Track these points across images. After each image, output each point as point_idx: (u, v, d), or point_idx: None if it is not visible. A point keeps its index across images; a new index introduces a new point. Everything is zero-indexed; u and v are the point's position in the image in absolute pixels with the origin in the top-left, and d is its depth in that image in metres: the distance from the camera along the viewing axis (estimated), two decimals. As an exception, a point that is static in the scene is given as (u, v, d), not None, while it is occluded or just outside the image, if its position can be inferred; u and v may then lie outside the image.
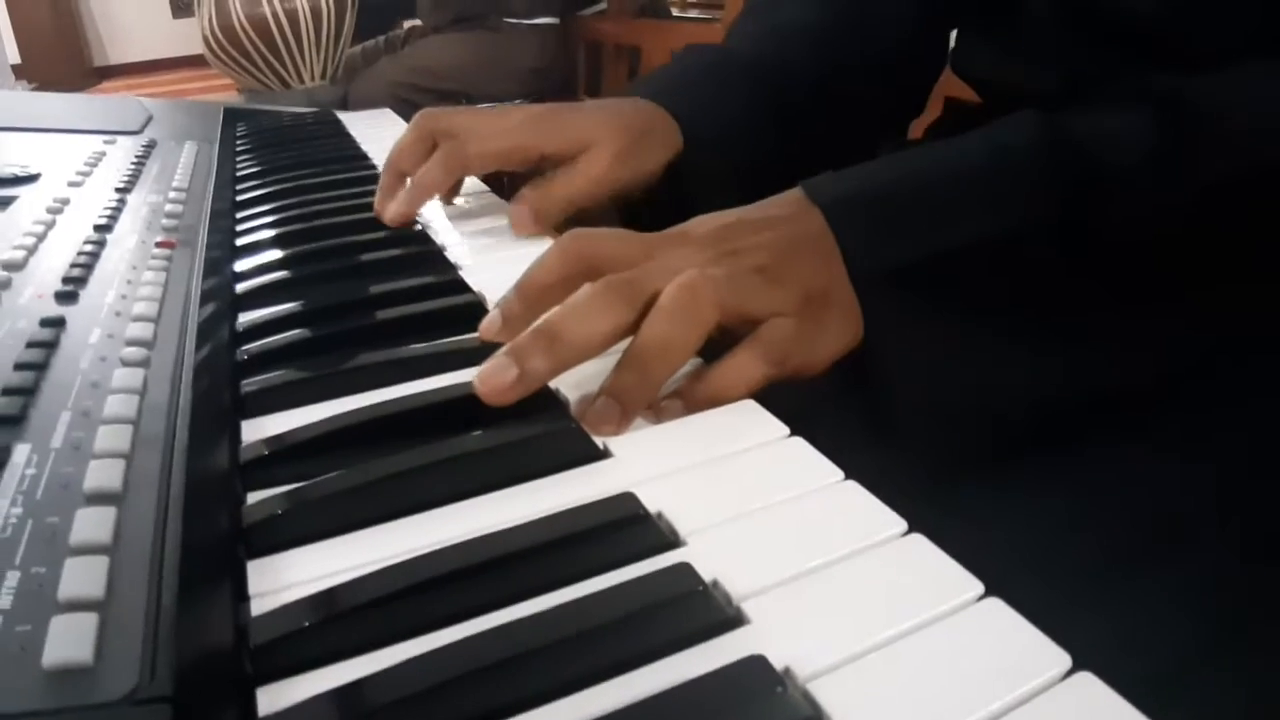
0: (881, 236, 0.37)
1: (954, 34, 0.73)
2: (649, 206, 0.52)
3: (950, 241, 0.37)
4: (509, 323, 0.35)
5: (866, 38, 0.65)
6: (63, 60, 7.31)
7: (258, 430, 0.30)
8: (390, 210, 0.48)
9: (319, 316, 0.37)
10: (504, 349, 0.30)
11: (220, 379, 0.32)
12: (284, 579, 0.23)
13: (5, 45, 6.99)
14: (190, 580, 0.20)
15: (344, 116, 0.91)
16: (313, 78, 1.92)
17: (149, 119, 0.77)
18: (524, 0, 2.13)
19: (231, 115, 0.88)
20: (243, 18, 1.82)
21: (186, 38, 7.99)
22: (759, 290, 0.34)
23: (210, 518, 0.24)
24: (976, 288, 0.39)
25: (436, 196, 0.52)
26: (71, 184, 0.53)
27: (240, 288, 0.42)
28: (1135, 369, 0.44)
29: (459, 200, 0.56)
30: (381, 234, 0.48)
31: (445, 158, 0.49)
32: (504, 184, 0.60)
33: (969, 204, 0.38)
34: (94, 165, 0.57)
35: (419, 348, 0.35)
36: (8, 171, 0.53)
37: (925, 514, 0.44)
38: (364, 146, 0.75)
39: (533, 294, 0.35)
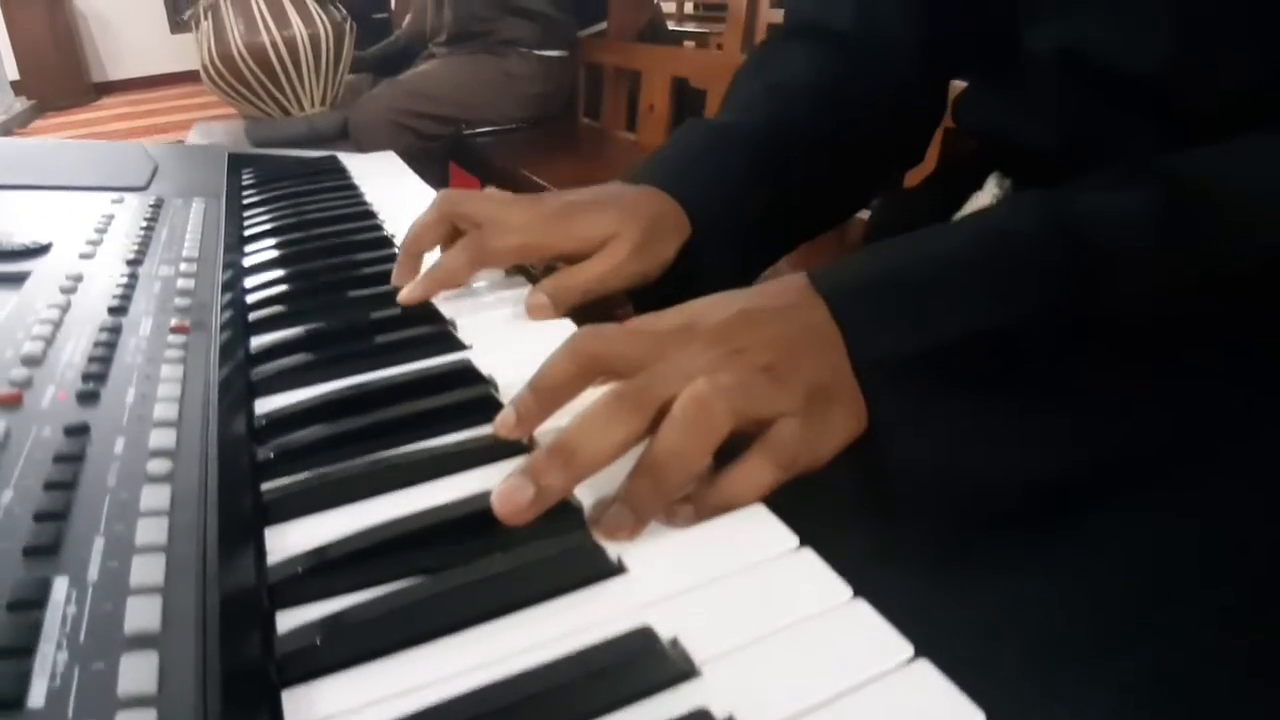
0: (884, 328, 0.38)
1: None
2: (655, 284, 0.53)
3: (952, 332, 0.38)
4: (523, 421, 0.36)
5: (867, 91, 0.66)
6: (62, 77, 7.33)
7: (281, 537, 0.31)
8: (407, 293, 0.49)
9: (336, 410, 0.38)
10: (520, 468, 0.31)
11: (243, 486, 0.33)
12: (318, 710, 0.24)
13: (4, 62, 7.01)
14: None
15: (347, 160, 0.92)
16: (312, 104, 1.93)
17: (154, 170, 0.78)
18: (534, 32, 2.15)
19: (236, 162, 0.89)
20: (241, 47, 1.83)
21: (185, 54, 7.96)
22: (766, 393, 0.34)
23: (246, 649, 0.25)
24: (975, 368, 0.40)
25: None
26: (83, 255, 0.53)
27: (256, 373, 0.43)
28: (1134, 439, 0.44)
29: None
30: (394, 311, 0.49)
31: (468, 251, 0.50)
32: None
33: (972, 295, 0.38)
34: (103, 231, 0.58)
35: (435, 446, 0.35)
36: (19, 243, 0.54)
37: (927, 592, 0.45)
38: (369, 197, 0.75)
39: (545, 394, 0.36)
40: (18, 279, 0.50)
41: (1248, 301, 0.39)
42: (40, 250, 0.54)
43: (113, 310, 0.45)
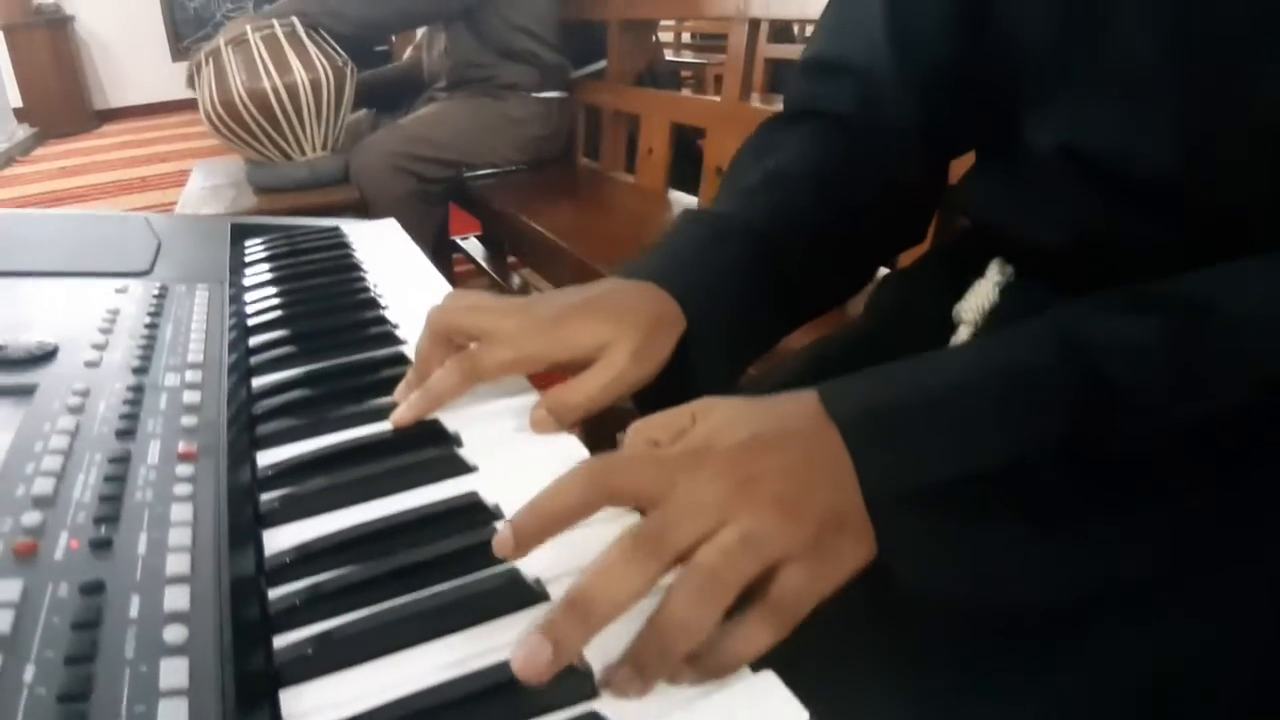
0: (896, 461, 0.38)
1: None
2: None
3: (965, 466, 0.38)
4: (521, 545, 0.36)
5: (867, 176, 0.66)
6: (64, 104, 7.37)
7: (296, 700, 0.31)
8: (399, 416, 0.49)
9: (344, 553, 0.38)
10: (537, 626, 0.31)
11: (257, 651, 0.33)
12: None
13: (6, 89, 7.06)
14: None
15: (349, 230, 0.93)
16: (314, 149, 1.94)
17: (157, 249, 0.78)
18: (532, 75, 2.17)
19: (239, 233, 0.90)
20: (243, 92, 1.84)
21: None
22: (777, 536, 0.35)
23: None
24: (982, 496, 0.40)
25: None
26: (89, 364, 0.54)
27: (264, 503, 0.43)
28: (1138, 562, 0.44)
29: None
30: (403, 432, 0.49)
31: (460, 370, 0.50)
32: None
33: (985, 430, 0.39)
34: (108, 331, 0.58)
35: (447, 595, 0.36)
36: (25, 349, 0.54)
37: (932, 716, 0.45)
38: (372, 278, 0.76)
39: (547, 519, 0.36)
40: (26, 391, 0.50)
41: (1259, 434, 0.40)
42: (47, 357, 0.54)
43: (120, 434, 0.45)
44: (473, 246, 2.84)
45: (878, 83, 0.66)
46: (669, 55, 3.97)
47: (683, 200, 1.87)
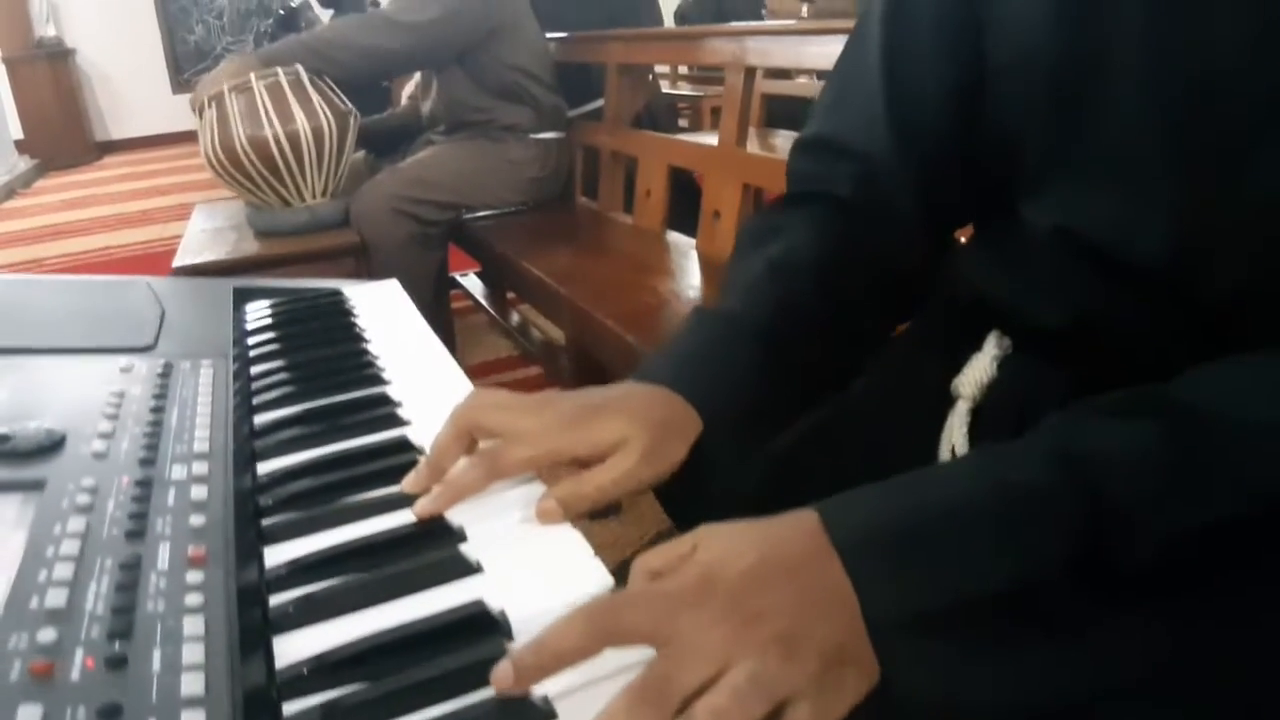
0: (899, 588, 0.39)
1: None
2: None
3: (968, 590, 0.39)
4: (521, 681, 0.36)
5: (869, 257, 0.67)
6: (65, 136, 7.42)
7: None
8: (422, 508, 0.50)
9: (354, 666, 0.39)
10: None
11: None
12: None
13: (8, 121, 7.10)
14: None
15: (350, 292, 0.93)
16: (313, 196, 1.96)
17: (161, 319, 0.79)
18: (530, 117, 2.19)
19: (241, 296, 0.91)
20: (244, 139, 1.85)
21: (187, 113, 8.04)
22: (781, 676, 0.36)
23: None
24: (984, 614, 0.41)
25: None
26: (96, 455, 0.54)
27: (274, 608, 0.43)
28: (1145, 664, 0.45)
29: None
30: (407, 524, 0.50)
31: (483, 466, 0.51)
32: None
33: (986, 554, 0.40)
34: (114, 418, 0.59)
35: (457, 713, 0.36)
36: (32, 438, 0.55)
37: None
38: (374, 347, 0.77)
39: (549, 658, 0.37)
40: (36, 486, 0.51)
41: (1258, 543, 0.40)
42: (54, 447, 0.55)
43: (130, 535, 0.46)
44: (472, 283, 2.86)
45: (876, 163, 0.67)
46: (666, 88, 4.01)
47: (681, 242, 1.88)
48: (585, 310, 1.49)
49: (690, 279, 1.68)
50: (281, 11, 6.38)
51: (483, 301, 2.68)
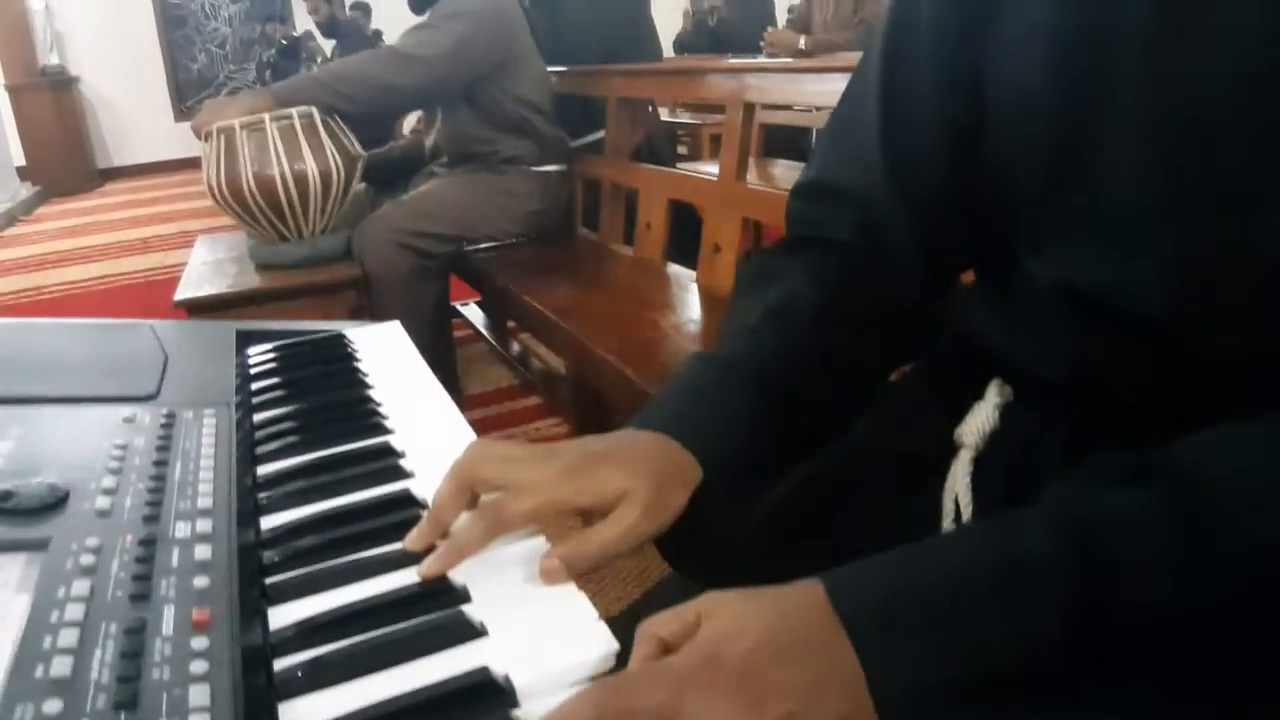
0: (909, 667, 0.40)
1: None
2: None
3: (975, 664, 0.39)
4: None
5: (869, 302, 0.68)
6: (68, 163, 7.46)
7: None
8: (427, 569, 0.50)
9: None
10: None
11: None
12: None
13: (10, 148, 7.15)
14: None
15: (354, 335, 0.94)
16: (313, 233, 1.96)
17: (164, 366, 0.79)
18: (533, 149, 2.20)
19: (244, 338, 0.91)
20: (251, 178, 1.86)
21: (188, 141, 8.12)
22: None
23: None
24: (986, 685, 0.41)
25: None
26: (100, 513, 0.54)
27: (279, 674, 0.43)
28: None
29: None
30: (410, 584, 0.50)
31: (486, 520, 0.51)
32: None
33: (994, 629, 0.40)
34: (118, 472, 0.59)
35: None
36: (36, 497, 0.55)
37: None
38: (377, 393, 0.77)
39: None
40: (39, 545, 0.51)
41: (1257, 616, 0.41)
42: (57, 504, 0.55)
43: (135, 599, 0.46)
44: (472, 313, 2.87)
45: (875, 209, 0.67)
46: (665, 115, 4.04)
47: (681, 275, 1.89)
48: (585, 344, 1.49)
49: (690, 312, 1.69)
50: (284, 41, 6.48)
51: (483, 331, 2.69)
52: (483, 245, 2.23)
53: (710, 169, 2.55)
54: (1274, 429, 0.43)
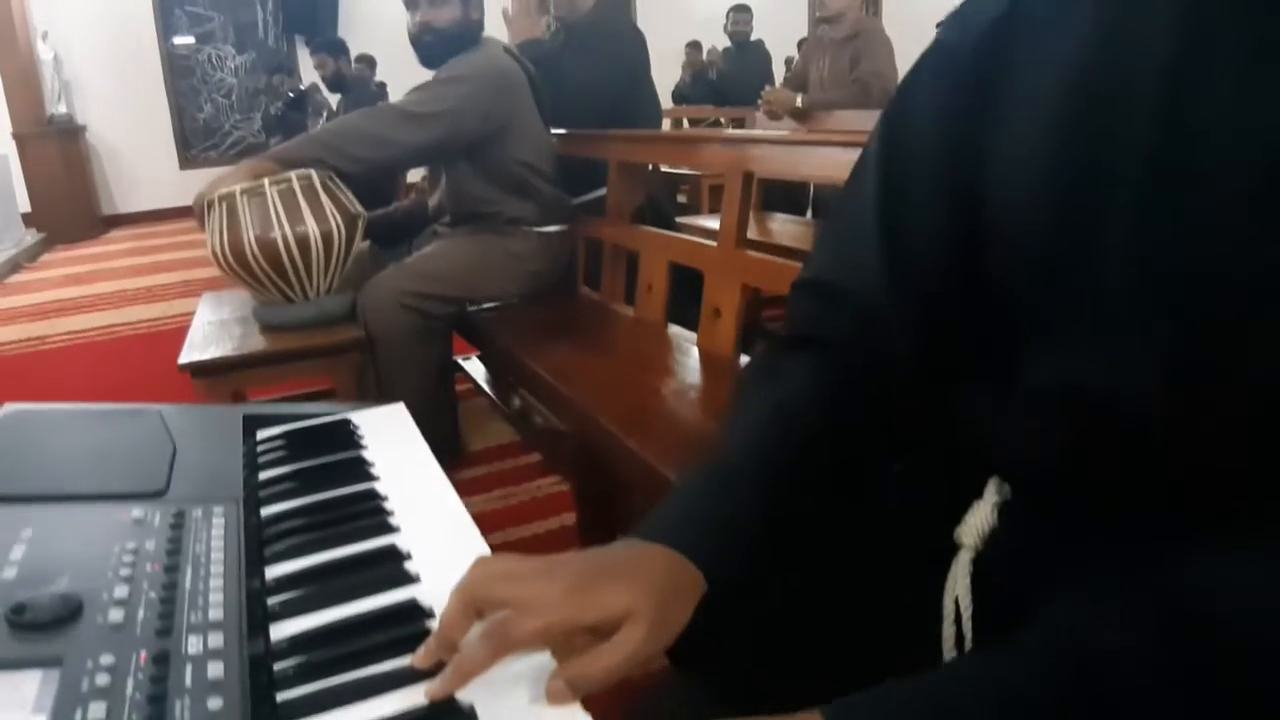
0: None
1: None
2: None
3: None
4: None
5: (869, 400, 0.69)
6: (72, 210, 7.52)
7: None
8: (434, 690, 0.51)
9: None
10: None
11: None
12: None
13: (16, 194, 7.21)
14: None
15: (360, 420, 0.95)
16: (317, 294, 1.98)
17: (172, 457, 0.80)
18: (535, 210, 2.23)
19: (251, 424, 0.92)
20: (253, 241, 1.88)
21: (193, 188, 8.20)
22: None
23: None
24: None
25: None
26: (114, 627, 0.55)
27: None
28: None
29: None
30: (421, 709, 0.50)
31: (492, 642, 0.52)
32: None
33: None
34: (130, 579, 0.60)
35: None
36: (50, 610, 0.56)
37: None
38: (383, 486, 0.78)
39: None
40: (54, 662, 0.51)
41: None
42: (71, 617, 0.55)
43: (147, 723, 0.47)
44: (474, 367, 2.88)
45: (874, 311, 0.69)
46: (665, 166, 4.09)
47: (682, 337, 1.90)
48: (589, 413, 1.50)
49: (691, 376, 1.70)
50: (290, 94, 6.58)
51: (485, 386, 2.70)
52: (485, 305, 2.25)
53: (710, 224, 2.58)
54: (1276, 557, 0.44)
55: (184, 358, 1.86)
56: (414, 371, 2.06)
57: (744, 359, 1.73)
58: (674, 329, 1.98)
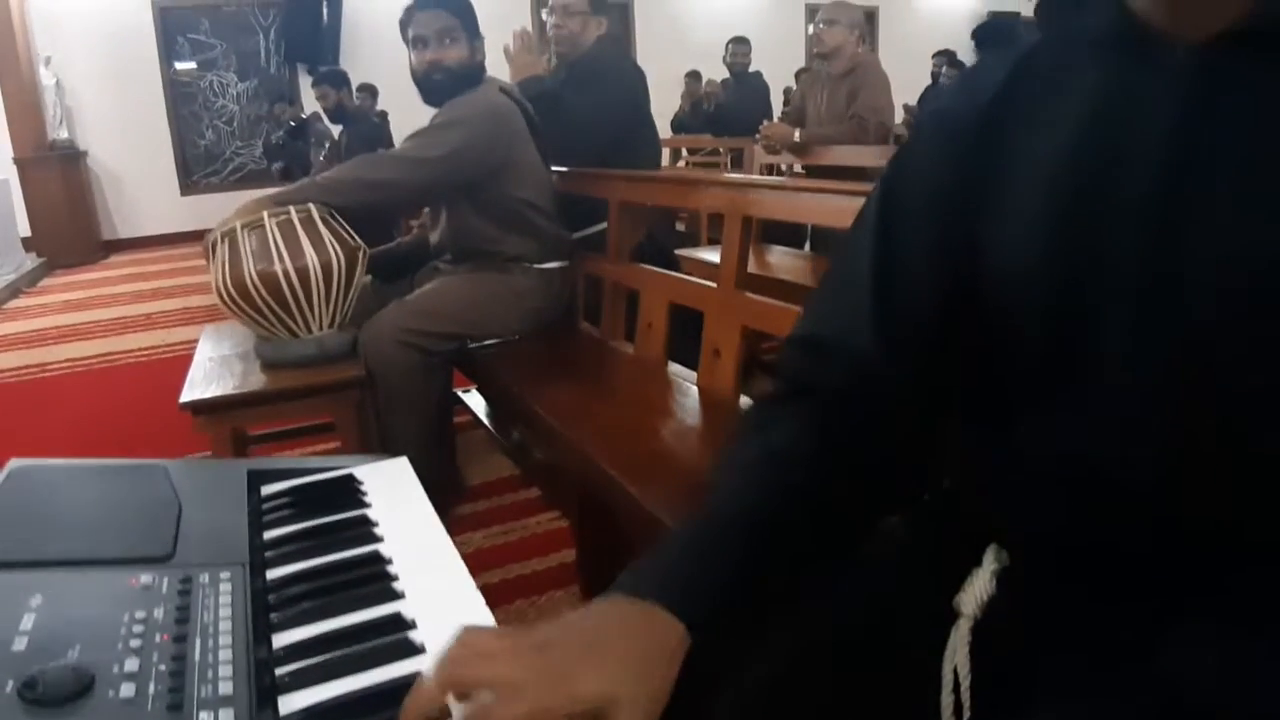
0: None
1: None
2: None
3: None
4: None
5: (861, 449, 0.70)
6: (73, 234, 7.54)
7: None
8: None
9: None
10: None
11: None
12: None
13: (17, 219, 7.23)
14: None
15: (363, 475, 0.96)
16: (320, 328, 2.00)
17: (178, 517, 0.81)
18: (536, 247, 2.25)
19: (255, 479, 0.93)
20: (254, 275, 1.90)
21: (193, 214, 8.32)
22: None
23: None
24: None
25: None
26: (125, 701, 0.55)
27: None
28: None
29: None
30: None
31: None
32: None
33: None
34: (140, 651, 0.60)
35: None
36: (62, 685, 0.56)
37: None
38: (387, 547, 0.79)
39: None
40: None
41: None
42: (83, 692, 0.56)
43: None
44: (474, 399, 2.88)
45: (867, 367, 0.70)
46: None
47: (682, 378, 1.91)
48: (589, 456, 1.51)
49: (691, 419, 1.71)
50: (292, 123, 6.62)
51: (484, 419, 2.71)
52: (486, 342, 2.26)
53: (710, 256, 2.60)
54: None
55: (185, 396, 1.87)
56: (414, 409, 2.07)
57: (744, 400, 1.74)
58: (674, 368, 1.99)
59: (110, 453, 2.89)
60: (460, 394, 2.84)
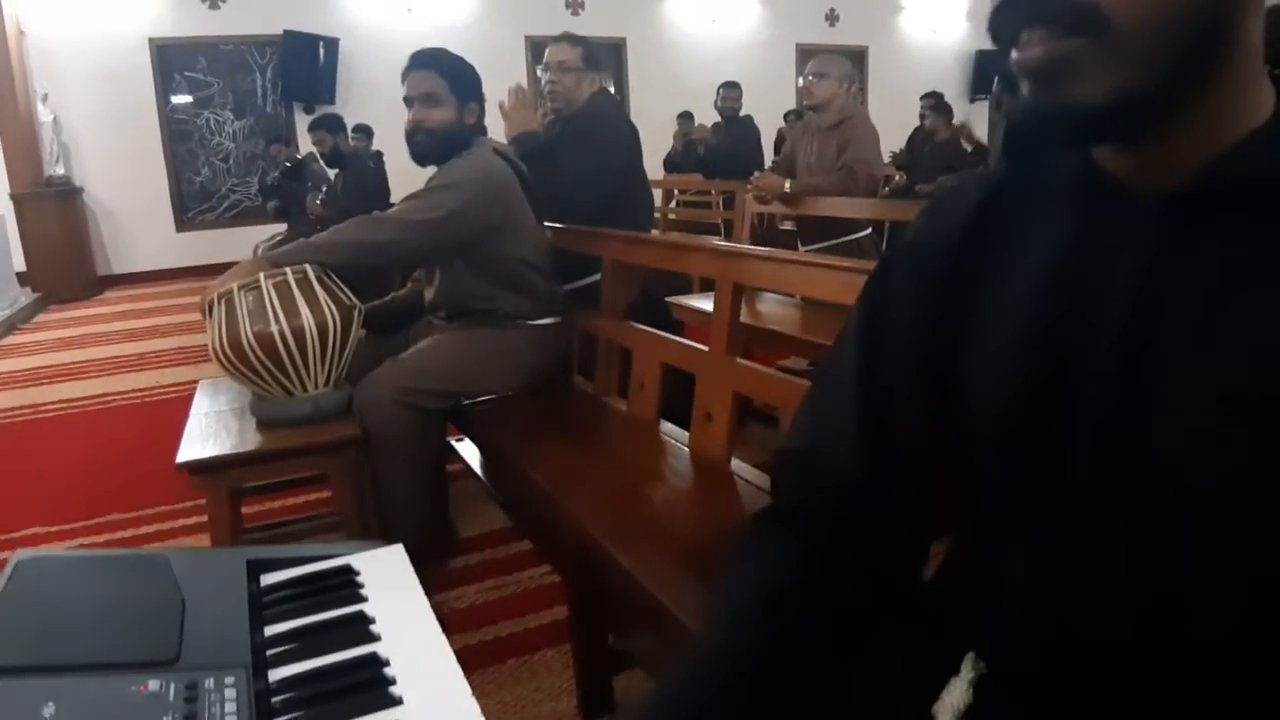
0: None
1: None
2: None
3: None
4: None
5: (850, 572, 0.73)
6: (69, 270, 7.56)
7: None
8: None
9: None
10: None
11: None
12: None
13: (12, 255, 7.26)
14: None
15: (360, 564, 0.98)
16: (315, 387, 2.02)
17: (183, 612, 0.83)
18: (530, 305, 2.28)
19: (255, 568, 0.95)
20: (251, 336, 1.92)
21: (188, 250, 8.39)
22: None
23: None
24: None
25: None
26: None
27: None
28: None
29: None
30: None
31: None
32: None
33: None
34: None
35: None
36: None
37: None
38: (385, 647, 0.81)
39: None
40: None
41: None
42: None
43: None
44: (466, 449, 2.90)
45: (852, 486, 0.73)
46: (656, 216, 4.15)
47: (674, 439, 1.94)
48: (581, 525, 1.53)
49: (683, 483, 1.74)
50: (288, 164, 6.67)
51: (477, 470, 2.72)
52: (480, 399, 2.29)
53: (703, 305, 2.63)
54: None
55: (182, 455, 1.88)
56: (409, 467, 2.08)
57: (735, 463, 1.76)
58: (666, 428, 2.01)
59: (105, 504, 2.89)
60: (453, 443, 2.86)
